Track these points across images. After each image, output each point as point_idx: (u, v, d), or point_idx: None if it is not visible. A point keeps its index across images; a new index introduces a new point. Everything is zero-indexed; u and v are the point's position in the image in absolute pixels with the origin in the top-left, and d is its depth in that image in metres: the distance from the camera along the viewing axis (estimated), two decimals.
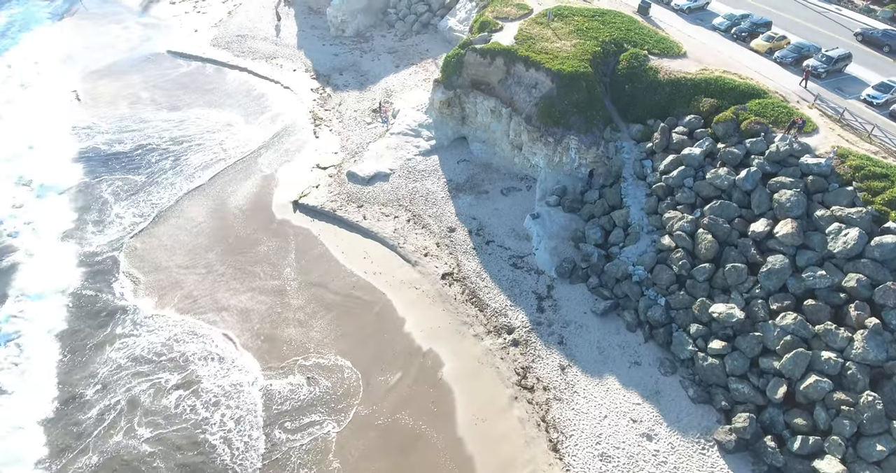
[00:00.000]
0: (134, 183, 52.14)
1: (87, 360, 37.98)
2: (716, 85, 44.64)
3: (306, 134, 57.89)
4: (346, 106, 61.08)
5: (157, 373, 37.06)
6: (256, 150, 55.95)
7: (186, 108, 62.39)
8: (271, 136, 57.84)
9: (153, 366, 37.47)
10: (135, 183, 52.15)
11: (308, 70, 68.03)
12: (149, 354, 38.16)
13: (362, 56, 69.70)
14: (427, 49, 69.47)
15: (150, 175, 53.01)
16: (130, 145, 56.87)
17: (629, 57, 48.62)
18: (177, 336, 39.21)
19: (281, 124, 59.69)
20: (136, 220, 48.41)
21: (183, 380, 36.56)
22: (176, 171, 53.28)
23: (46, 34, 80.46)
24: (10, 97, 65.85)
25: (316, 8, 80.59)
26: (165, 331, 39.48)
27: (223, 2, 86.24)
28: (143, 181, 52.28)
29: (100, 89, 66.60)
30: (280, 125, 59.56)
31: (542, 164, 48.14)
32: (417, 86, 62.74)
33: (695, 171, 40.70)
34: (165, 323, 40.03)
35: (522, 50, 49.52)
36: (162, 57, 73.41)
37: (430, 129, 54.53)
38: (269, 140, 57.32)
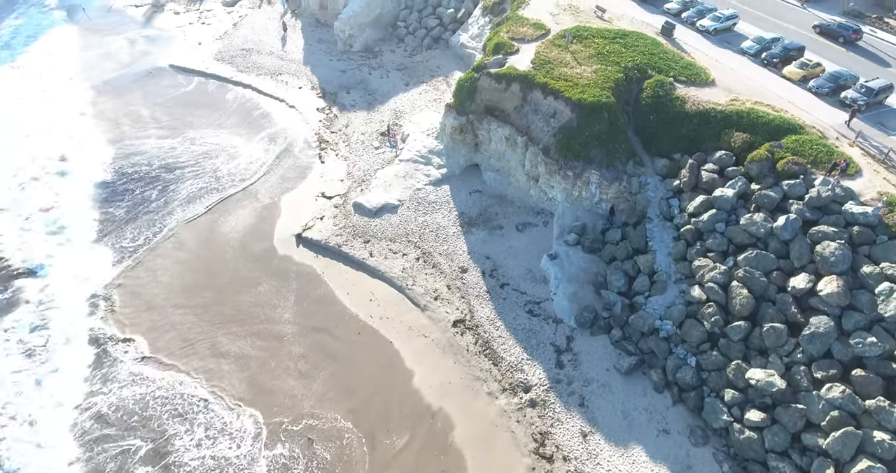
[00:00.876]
0: (126, 211, 49.35)
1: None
2: (748, 118, 41.38)
3: (311, 158, 54.92)
4: (354, 128, 58.06)
5: (125, 438, 34.02)
6: (259, 176, 52.97)
7: (186, 129, 59.44)
8: (274, 160, 54.88)
9: (122, 429, 34.47)
10: (127, 211, 49.36)
11: (314, 87, 65.01)
12: (120, 413, 35.20)
13: (371, 73, 66.62)
14: (438, 66, 66.33)
15: (142, 204, 50.18)
16: (129, 170, 54.09)
17: (654, 85, 45.35)
18: (160, 391, 36.28)
19: (285, 147, 56.72)
20: (127, 253, 45.62)
21: (156, 451, 33.40)
22: (171, 199, 50.38)
23: (48, 46, 77.60)
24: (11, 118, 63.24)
25: (323, 20, 77.49)
26: (146, 385, 36.54)
27: (228, 12, 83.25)
28: (137, 210, 49.45)
29: (100, 107, 63.76)
30: (284, 148, 56.58)
31: (560, 198, 45.01)
32: (428, 106, 59.63)
33: (727, 215, 37.48)
34: (149, 374, 37.21)
35: (540, 76, 46.35)
36: (164, 72, 70.46)
37: (441, 156, 51.45)
38: (272, 164, 54.36)
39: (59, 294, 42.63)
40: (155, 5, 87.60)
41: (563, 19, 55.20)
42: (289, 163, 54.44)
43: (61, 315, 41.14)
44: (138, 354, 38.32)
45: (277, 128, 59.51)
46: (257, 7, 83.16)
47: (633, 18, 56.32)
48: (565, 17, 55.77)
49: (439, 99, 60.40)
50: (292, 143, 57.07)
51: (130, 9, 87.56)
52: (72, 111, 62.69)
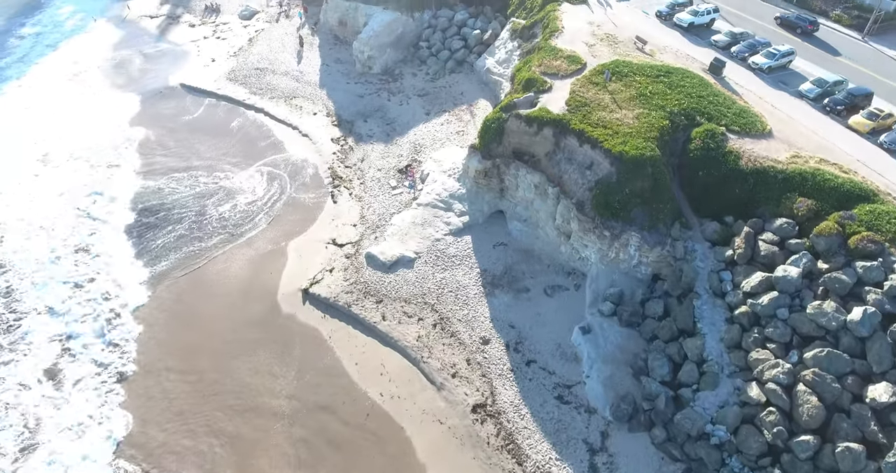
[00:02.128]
0: (119, 254, 45.30)
1: None
2: (812, 181, 36.01)
3: (323, 197, 50.39)
4: (370, 162, 53.41)
5: None
6: (266, 217, 48.59)
7: (192, 159, 55.18)
8: (283, 199, 50.45)
9: None
10: (120, 254, 45.31)
11: (329, 114, 60.43)
12: None
13: (390, 99, 61.84)
14: (461, 92, 61.40)
15: (140, 244, 46.09)
16: (128, 211, 50.05)
17: (703, 135, 40.07)
18: None
19: (296, 183, 52.23)
20: (122, 303, 41.59)
21: None
22: (168, 243, 46.20)
23: (59, 60, 73.95)
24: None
25: (342, 37, 72.83)
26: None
27: (245, 26, 78.98)
28: (130, 252, 45.40)
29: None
30: (294, 184, 52.11)
31: (594, 259, 40.02)
32: (450, 140, 54.78)
33: (790, 299, 32.28)
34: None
35: (576, 121, 41.29)
36: (175, 92, 66.34)
37: (463, 202, 46.63)
38: (281, 204, 49.94)
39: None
40: (170, 16, 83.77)
41: (600, 51, 49.94)
42: (299, 202, 49.95)
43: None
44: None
45: (289, 159, 55.02)
46: (274, 21, 78.84)
47: (678, 51, 50.88)
48: (602, 48, 50.52)
49: (462, 131, 55.53)
50: (304, 179, 52.56)
51: (145, 20, 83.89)
52: (73, 144, 58.81)
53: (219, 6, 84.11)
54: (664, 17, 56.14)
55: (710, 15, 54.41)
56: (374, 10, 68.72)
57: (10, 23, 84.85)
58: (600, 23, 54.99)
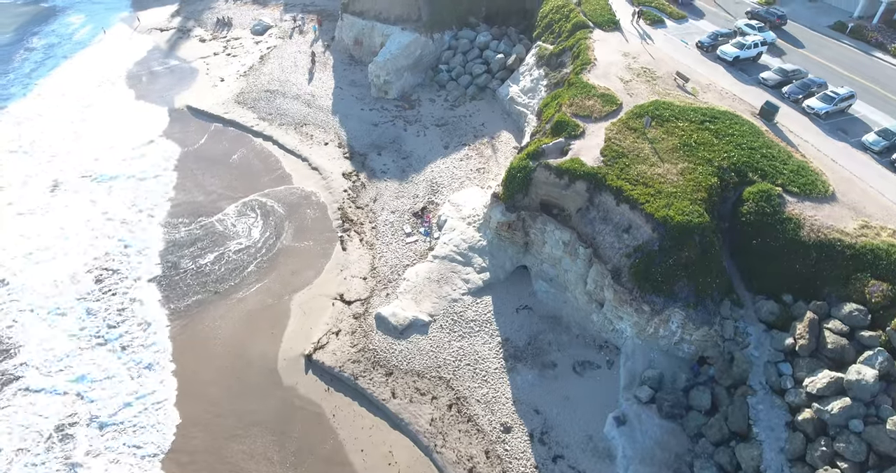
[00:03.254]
0: (105, 309, 41.37)
1: None
2: (888, 259, 30.94)
3: (331, 242, 46.02)
4: (383, 203, 48.90)
5: None
6: (269, 264, 44.35)
7: (194, 193, 51.12)
8: (289, 244, 46.13)
9: None
10: (106, 309, 41.37)
11: (342, 144, 55.97)
12: None
13: (406, 128, 57.25)
14: (482, 123, 56.66)
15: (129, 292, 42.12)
16: (122, 256, 46.07)
17: (757, 197, 35.10)
18: None
19: (303, 225, 47.92)
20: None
21: None
22: (170, 296, 42.16)
23: (63, 80, 70.08)
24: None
25: (358, 57, 68.29)
26: None
27: (256, 42, 74.63)
28: (116, 305, 41.45)
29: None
30: (301, 226, 47.77)
31: (630, 333, 35.32)
32: (469, 178, 50.12)
33: (865, 408, 27.44)
34: None
35: (612, 175, 36.49)
36: (181, 115, 62.29)
37: (484, 256, 42.03)
38: (287, 249, 45.64)
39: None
40: (181, 30, 79.74)
41: (636, 88, 44.95)
42: (305, 249, 45.62)
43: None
44: None
45: (296, 197, 50.69)
46: (288, 37, 74.45)
47: (723, 91, 45.72)
48: (639, 85, 45.50)
49: (483, 169, 50.84)
50: (312, 221, 48.20)
51: (155, 33, 79.88)
52: (70, 173, 54.87)
53: (231, 20, 79.91)
54: (706, 48, 50.87)
55: (757, 48, 49.05)
56: (391, 30, 64.12)
57: (21, 32, 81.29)
58: (636, 54, 49.91)
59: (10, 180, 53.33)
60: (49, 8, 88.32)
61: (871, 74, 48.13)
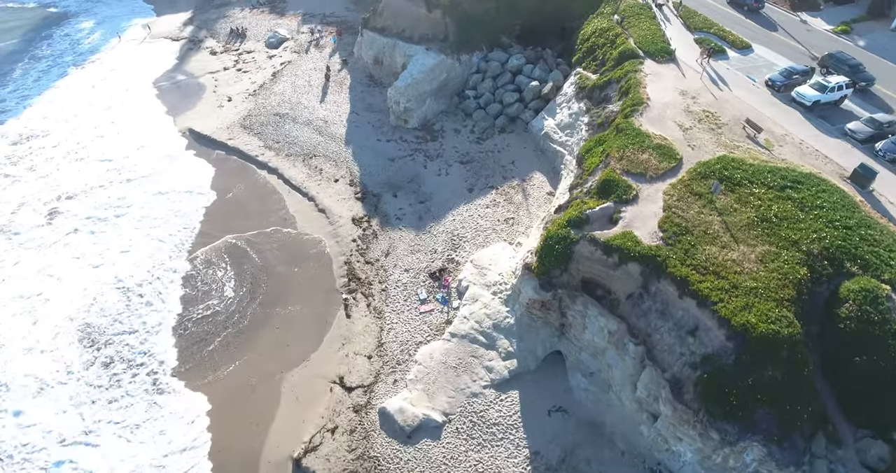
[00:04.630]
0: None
1: None
2: None
3: (334, 306, 39.08)
4: (396, 258, 41.81)
5: None
6: (259, 334, 37.60)
7: (183, 233, 44.66)
8: (285, 306, 39.37)
9: None
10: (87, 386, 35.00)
11: (353, 182, 48.94)
12: None
13: (426, 165, 49.99)
14: (512, 161, 49.20)
15: (105, 372, 35.70)
16: (99, 319, 39.73)
17: (860, 297, 27.27)
18: None
19: (304, 280, 41.09)
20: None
21: None
22: (145, 369, 35.73)
23: (62, 93, 64.23)
24: None
25: (377, 77, 61.15)
26: None
27: (270, 56, 67.86)
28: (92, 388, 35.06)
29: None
30: (302, 282, 40.95)
31: (690, 459, 27.82)
32: (495, 230, 42.77)
33: None
34: None
35: (675, 259, 28.90)
36: (180, 142, 55.88)
37: (511, 337, 34.73)
38: (282, 316, 38.86)
39: None
40: (192, 40, 73.46)
41: (698, 138, 37.14)
42: (304, 314, 38.69)
43: None
44: None
45: (299, 244, 43.79)
46: (303, 52, 67.57)
47: (802, 144, 37.66)
48: (702, 134, 37.66)
49: (512, 219, 43.45)
50: (314, 277, 41.31)
51: (165, 42, 73.69)
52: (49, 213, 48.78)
53: (245, 31, 73.27)
54: (778, 88, 42.64)
55: (841, 91, 40.79)
56: (415, 50, 56.79)
57: (29, 39, 75.64)
58: (695, 92, 41.96)
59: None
60: (60, 13, 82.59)
61: None
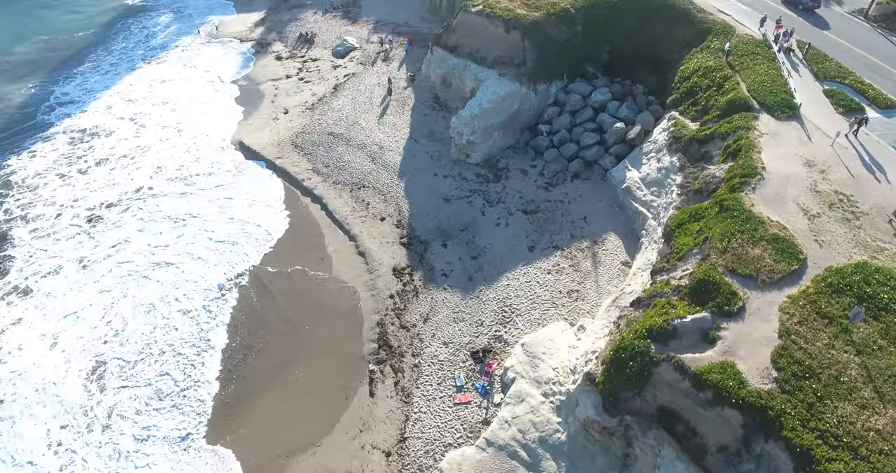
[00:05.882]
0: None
1: None
2: None
3: (357, 377, 33.04)
4: (436, 325, 35.33)
5: None
6: (266, 395, 32.16)
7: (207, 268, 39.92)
8: (304, 370, 33.75)
9: None
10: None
11: (401, 223, 42.80)
12: None
13: (485, 210, 43.11)
14: (584, 216, 41.67)
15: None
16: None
17: None
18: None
19: (329, 338, 35.32)
20: None
21: None
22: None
23: (126, 90, 61.58)
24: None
25: (443, 99, 54.69)
26: None
27: (335, 67, 62.67)
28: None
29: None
30: (327, 341, 35.19)
31: None
32: (556, 305, 35.54)
33: None
34: None
35: (793, 417, 21.07)
36: (228, 156, 51.56)
37: (559, 458, 27.61)
38: (299, 383, 33.27)
39: None
40: (260, 43, 69.58)
41: (829, 232, 28.56)
42: (322, 384, 32.88)
43: None
44: None
45: (329, 294, 38.07)
46: (370, 64, 61.97)
47: None
48: (834, 225, 29.03)
49: (577, 292, 36.07)
50: (341, 336, 35.40)
51: (234, 44, 70.05)
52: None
53: (314, 37, 68.45)
54: None
55: None
56: (486, 75, 49.81)
57: (106, 30, 73.92)
58: (825, 164, 33.06)
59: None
60: (139, 6, 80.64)
61: None
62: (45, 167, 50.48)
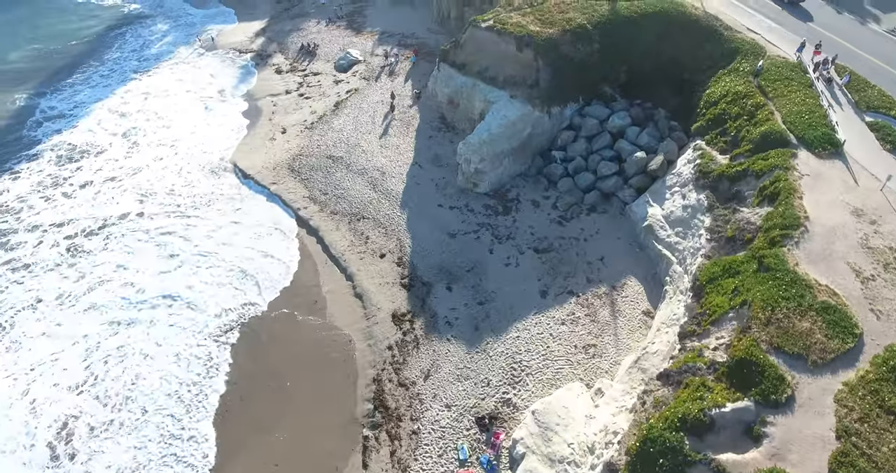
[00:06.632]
0: None
1: None
2: None
3: (348, 444, 29.49)
4: (438, 383, 31.74)
5: None
6: (238, 459, 28.81)
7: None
8: (287, 431, 30.37)
9: None
10: None
11: (402, 261, 39.21)
12: None
13: (493, 248, 39.38)
14: (602, 257, 37.92)
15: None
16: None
17: None
18: None
19: (318, 395, 31.90)
20: None
21: None
22: None
23: (117, 104, 58.38)
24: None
25: (450, 120, 51.03)
26: None
27: (337, 81, 59.10)
28: None
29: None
30: (315, 398, 31.78)
31: None
32: (570, 362, 31.86)
33: None
34: None
35: None
36: (225, 175, 48.27)
37: None
38: (277, 442, 29.91)
39: None
40: (260, 54, 66.22)
41: (887, 299, 24.79)
42: (309, 449, 29.43)
43: None
44: None
45: (320, 343, 34.59)
46: (373, 79, 58.36)
47: None
48: (891, 290, 25.23)
49: (593, 348, 32.39)
50: (331, 393, 31.96)
51: (232, 55, 66.64)
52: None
53: (316, 48, 64.92)
54: None
55: None
56: (497, 96, 46.04)
57: (99, 39, 70.79)
58: (875, 213, 29.21)
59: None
60: (136, 13, 77.46)
61: None
62: (29, 189, 47.41)
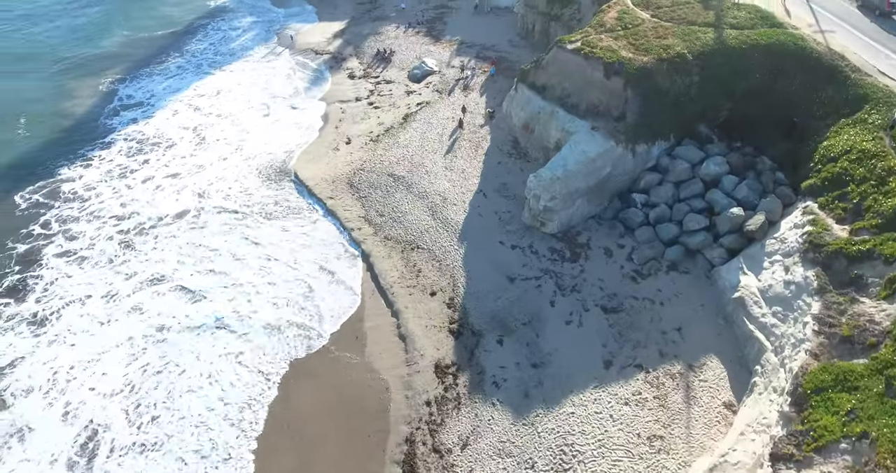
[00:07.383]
0: None
1: None
2: None
3: None
4: (476, 455, 27.71)
5: None
6: None
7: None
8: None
9: None
10: None
11: (454, 303, 35.41)
12: None
13: (555, 300, 34.82)
14: (679, 327, 32.71)
15: None
16: None
17: None
18: None
19: (341, 452, 28.74)
20: None
21: None
22: None
23: (190, 98, 57.68)
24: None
25: (523, 145, 46.80)
26: None
27: (409, 92, 55.96)
28: None
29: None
30: (339, 455, 28.65)
31: None
32: (630, 454, 27.11)
33: None
34: None
35: None
36: (282, 184, 46.18)
37: None
38: None
39: None
40: (336, 57, 64.20)
41: None
42: None
43: None
44: None
45: (353, 386, 31.40)
46: (447, 93, 54.86)
47: None
48: None
49: (659, 440, 27.48)
50: (354, 452, 28.70)
51: (308, 56, 64.98)
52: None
53: (392, 55, 62.07)
54: None
55: None
56: (576, 126, 41.37)
57: (182, 31, 70.83)
58: None
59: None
60: (220, 7, 77.15)
61: None
62: (98, 178, 47.29)
